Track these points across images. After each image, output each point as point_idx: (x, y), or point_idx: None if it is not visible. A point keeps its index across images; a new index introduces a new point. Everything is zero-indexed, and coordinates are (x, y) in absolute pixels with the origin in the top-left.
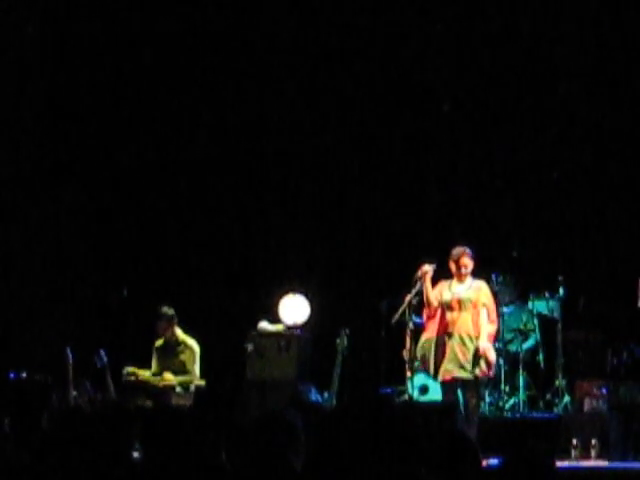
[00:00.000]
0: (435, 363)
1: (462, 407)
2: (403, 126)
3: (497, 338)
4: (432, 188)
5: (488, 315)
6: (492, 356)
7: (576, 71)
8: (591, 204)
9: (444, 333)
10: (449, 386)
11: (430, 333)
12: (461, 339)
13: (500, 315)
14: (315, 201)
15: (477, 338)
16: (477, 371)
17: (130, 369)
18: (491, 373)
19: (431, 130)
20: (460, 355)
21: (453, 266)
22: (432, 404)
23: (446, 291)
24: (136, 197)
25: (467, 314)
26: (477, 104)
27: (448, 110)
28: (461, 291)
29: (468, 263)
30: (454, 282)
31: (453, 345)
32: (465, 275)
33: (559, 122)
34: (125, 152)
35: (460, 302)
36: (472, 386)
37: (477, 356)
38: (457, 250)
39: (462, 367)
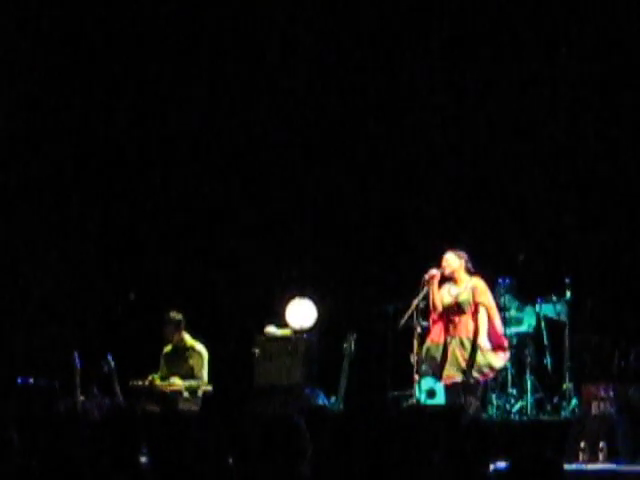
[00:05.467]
0: (441, 367)
1: None
2: (409, 130)
3: (507, 344)
4: (439, 192)
5: (490, 317)
6: (493, 359)
7: (584, 72)
8: (598, 206)
9: (447, 336)
10: (452, 390)
11: (435, 337)
12: (461, 342)
13: (508, 319)
14: (322, 205)
15: (475, 339)
16: (476, 374)
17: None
18: (491, 375)
19: (437, 133)
20: (460, 359)
21: None
22: (439, 407)
23: (446, 295)
24: (143, 202)
25: (467, 317)
26: (485, 107)
27: (455, 115)
28: (458, 294)
29: (445, 263)
30: (452, 285)
31: (454, 348)
32: (451, 275)
33: (565, 123)
34: (133, 158)
35: (459, 305)
36: (472, 389)
37: (475, 358)
38: None
39: (462, 371)
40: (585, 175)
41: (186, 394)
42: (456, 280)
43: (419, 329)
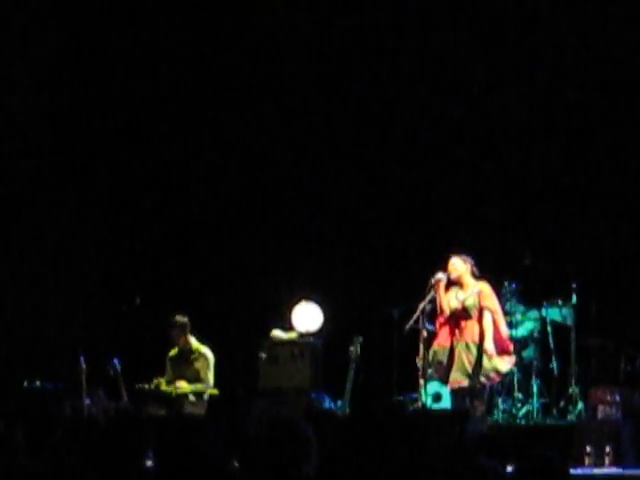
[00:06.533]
0: (447, 371)
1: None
2: (415, 133)
3: (512, 348)
4: (445, 195)
5: (495, 321)
6: (499, 364)
7: (587, 76)
8: (604, 210)
9: (454, 340)
10: (458, 394)
11: (442, 340)
12: (467, 346)
13: (513, 324)
14: (328, 209)
15: (481, 344)
16: (483, 379)
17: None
18: (497, 380)
19: (442, 136)
20: (467, 363)
21: None
22: (444, 412)
23: (453, 299)
24: (150, 205)
25: (473, 321)
26: (488, 109)
27: (459, 117)
28: (465, 299)
29: (451, 267)
30: (458, 289)
31: (460, 353)
32: (457, 280)
33: (572, 126)
34: (141, 161)
35: (466, 310)
36: (478, 394)
37: (481, 362)
38: None
39: (468, 375)
40: (590, 178)
41: (192, 398)
42: (462, 285)
43: (425, 333)
